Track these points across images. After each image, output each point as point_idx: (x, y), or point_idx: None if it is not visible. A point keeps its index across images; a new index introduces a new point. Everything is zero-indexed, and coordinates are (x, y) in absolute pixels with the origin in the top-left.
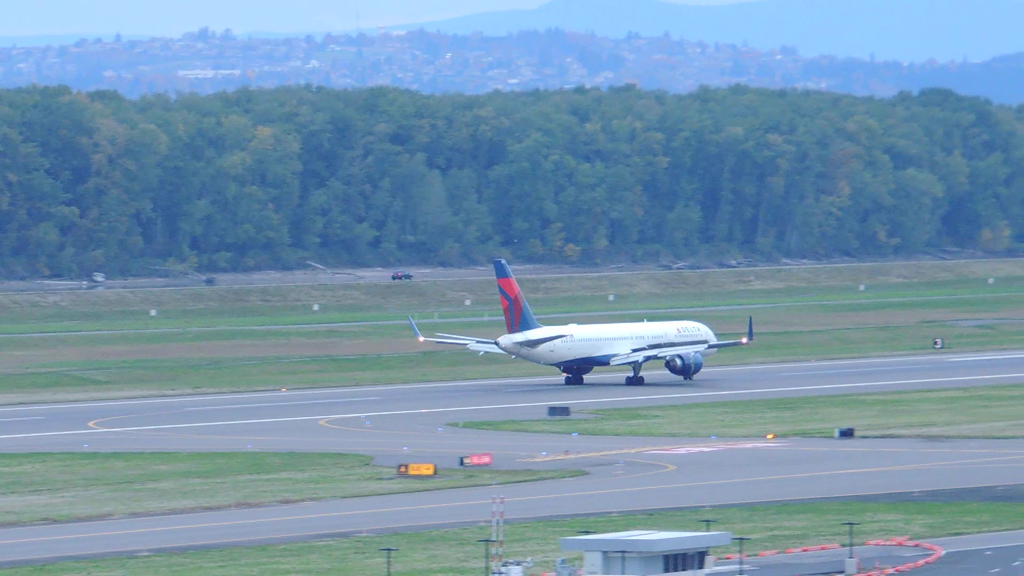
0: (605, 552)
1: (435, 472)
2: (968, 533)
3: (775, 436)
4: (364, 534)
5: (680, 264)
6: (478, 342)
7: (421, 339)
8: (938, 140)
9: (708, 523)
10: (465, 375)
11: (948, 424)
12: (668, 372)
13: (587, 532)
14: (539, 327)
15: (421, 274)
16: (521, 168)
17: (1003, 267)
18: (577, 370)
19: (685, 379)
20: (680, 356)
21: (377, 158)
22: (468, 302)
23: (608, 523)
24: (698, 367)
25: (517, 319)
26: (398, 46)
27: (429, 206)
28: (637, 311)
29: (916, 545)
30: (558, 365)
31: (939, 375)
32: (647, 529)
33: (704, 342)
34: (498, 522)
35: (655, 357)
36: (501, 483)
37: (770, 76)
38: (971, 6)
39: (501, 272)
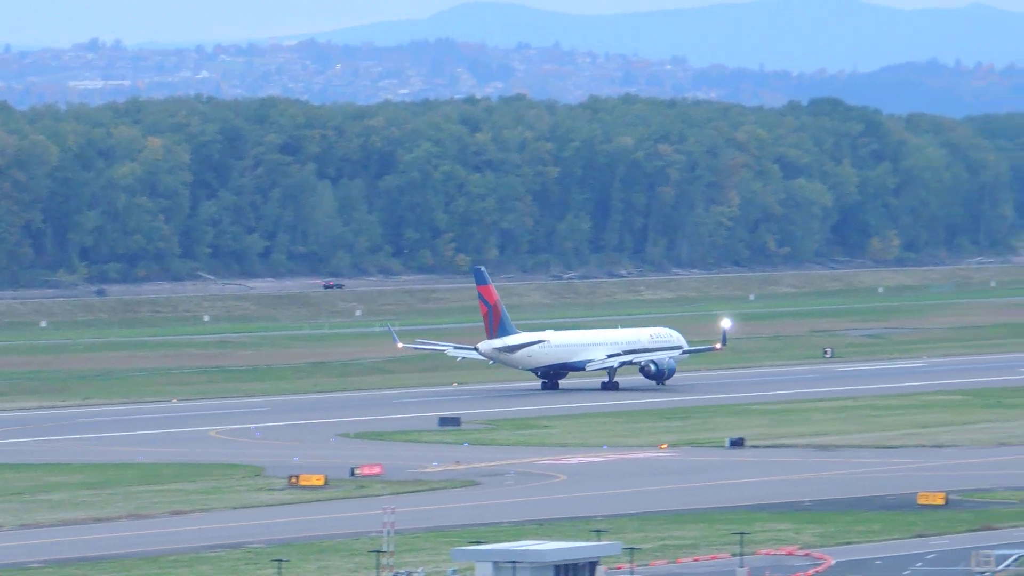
0: (496, 562)
1: (326, 483)
2: (858, 542)
3: (667, 446)
4: (255, 545)
5: (570, 274)
6: (456, 348)
7: (400, 345)
8: (828, 150)
9: (599, 533)
10: (357, 385)
11: (838, 434)
12: (642, 377)
13: (478, 542)
14: (517, 333)
15: (311, 284)
16: (412, 178)
17: (892, 277)
18: (553, 375)
19: (658, 384)
20: (654, 362)
21: (267, 168)
22: (358, 312)
23: (499, 533)
24: (671, 372)
25: (496, 325)
26: (288, 56)
27: (319, 216)
28: (529, 320)
29: (806, 555)
30: (535, 370)
31: (829, 385)
32: (538, 539)
33: (677, 348)
34: (389, 532)
35: (630, 363)
36: (392, 493)
37: (660, 86)
38: (860, 17)
39: (480, 279)
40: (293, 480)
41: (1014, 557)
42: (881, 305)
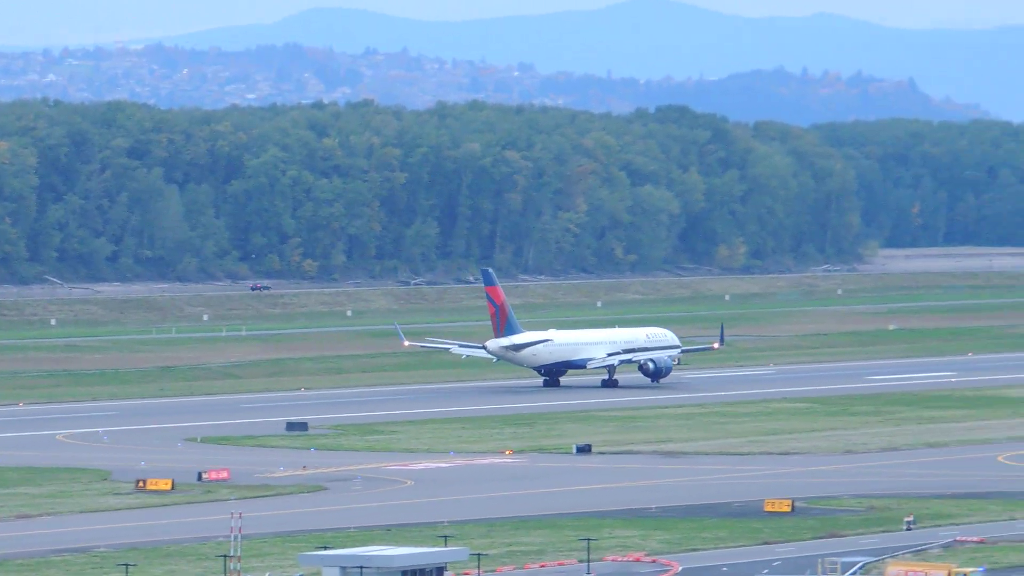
0: (343, 567)
1: (173, 487)
2: (705, 549)
3: (513, 452)
4: (102, 549)
5: (418, 280)
6: (461, 346)
7: (406, 343)
8: (675, 157)
9: (446, 539)
10: (204, 390)
11: (685, 440)
12: (640, 375)
13: (325, 547)
14: (523, 332)
15: (158, 289)
16: (259, 183)
17: (739, 284)
18: (555, 373)
19: (653, 382)
20: (652, 360)
21: (115, 172)
22: (206, 317)
23: (346, 539)
24: (668, 370)
25: (503, 324)
26: (136, 60)
27: (167, 221)
28: (375, 326)
29: (653, 561)
30: (538, 368)
31: (676, 391)
32: (385, 545)
33: (675, 347)
34: (236, 537)
35: (629, 361)
36: (239, 498)
37: (508, 92)
38: (707, 24)
39: (488, 280)
40: (140, 484)
41: (859, 564)
42: (728, 312)
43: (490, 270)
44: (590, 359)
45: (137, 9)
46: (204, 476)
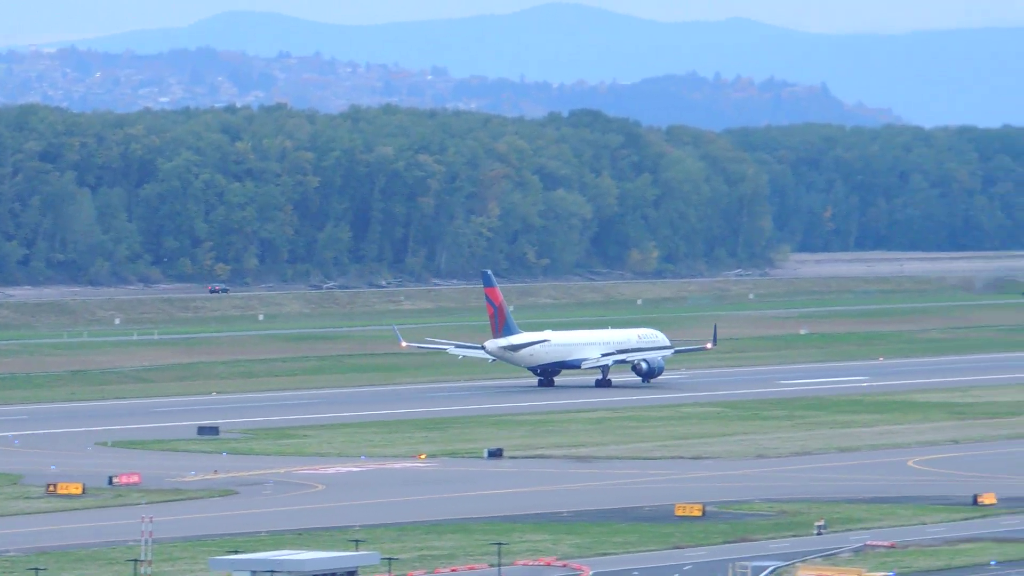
0: (254, 572)
1: (84, 491)
2: (615, 553)
3: (425, 456)
4: (12, 553)
5: (330, 284)
6: (458, 346)
7: (404, 344)
8: (587, 161)
9: (357, 543)
10: (116, 394)
11: (597, 445)
12: (633, 375)
13: (236, 552)
14: (520, 332)
15: (70, 292)
16: (172, 187)
17: (652, 289)
18: (550, 373)
19: (644, 382)
20: (646, 360)
21: (27, 176)
22: (117, 321)
23: (257, 543)
24: (661, 370)
25: (501, 325)
26: (48, 64)
27: (79, 224)
28: (287, 330)
29: (564, 565)
30: (534, 368)
31: (589, 396)
32: (296, 549)
33: (667, 347)
34: (147, 541)
35: (623, 361)
36: (150, 502)
37: (421, 96)
38: (620, 29)
39: (488, 282)
40: (51, 488)
41: (770, 569)
42: (640, 317)
43: (489, 272)
44: (584, 359)
45: (50, 12)
46: (115, 480)
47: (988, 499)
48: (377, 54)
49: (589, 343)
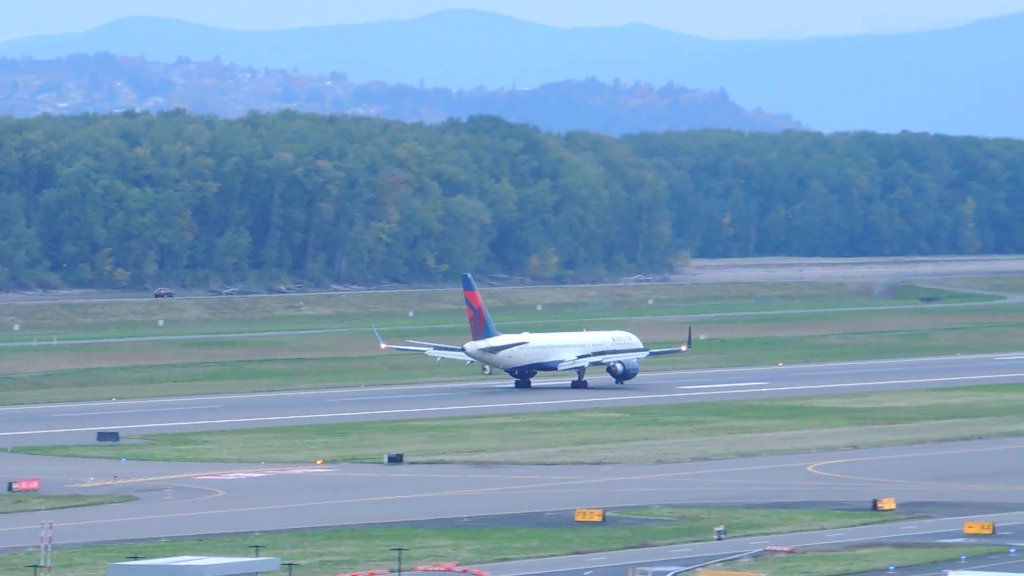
0: None
1: None
2: (516, 559)
3: (325, 462)
4: None
5: (230, 289)
6: (436, 348)
7: (383, 346)
8: (487, 167)
9: (257, 548)
10: (14, 400)
11: (497, 450)
12: (609, 376)
13: (136, 557)
14: (499, 335)
15: None
16: (71, 192)
17: (551, 294)
18: (527, 374)
19: (617, 383)
20: (621, 362)
21: None
22: (16, 327)
23: (157, 548)
24: (635, 372)
25: (480, 328)
26: None
27: None
28: (187, 335)
29: (464, 571)
30: (511, 370)
31: (488, 401)
32: (196, 555)
33: (642, 350)
34: (47, 547)
35: (598, 363)
36: (49, 508)
37: (320, 102)
38: (519, 34)
39: (468, 285)
40: None
41: (671, 574)
42: (540, 322)
43: (469, 275)
44: (560, 361)
45: None
46: (14, 486)
47: (887, 504)
48: (276, 60)
49: (565, 345)
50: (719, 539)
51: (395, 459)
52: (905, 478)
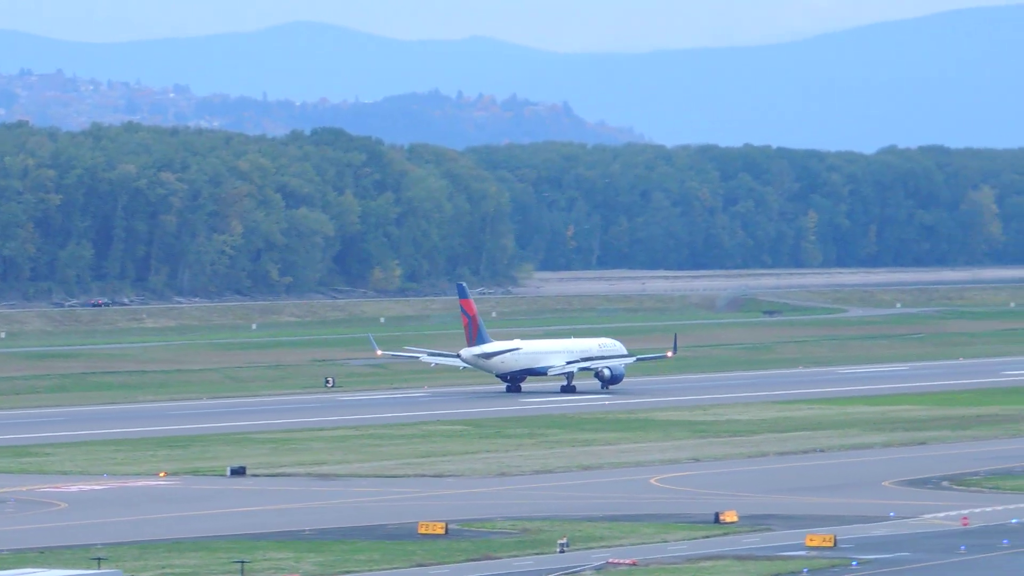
0: None
1: None
2: (358, 571)
3: (167, 474)
4: None
5: (72, 302)
6: (430, 354)
7: (379, 353)
8: (330, 179)
9: (100, 561)
10: None
11: (339, 463)
12: (596, 381)
13: None
14: (492, 341)
15: None
16: None
17: (394, 307)
18: (518, 380)
19: (603, 388)
20: (609, 367)
21: None
22: None
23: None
24: (622, 377)
25: (475, 334)
26: None
27: None
28: (29, 348)
29: None
30: (503, 375)
31: (331, 414)
32: (38, 568)
33: (628, 355)
34: None
35: (587, 368)
36: None
37: (163, 114)
38: (361, 47)
39: (462, 293)
40: None
41: None
42: (383, 335)
43: (463, 284)
44: (550, 367)
45: None
46: None
47: (729, 517)
48: (119, 72)
49: (555, 351)
50: (562, 552)
51: (237, 471)
52: (747, 491)
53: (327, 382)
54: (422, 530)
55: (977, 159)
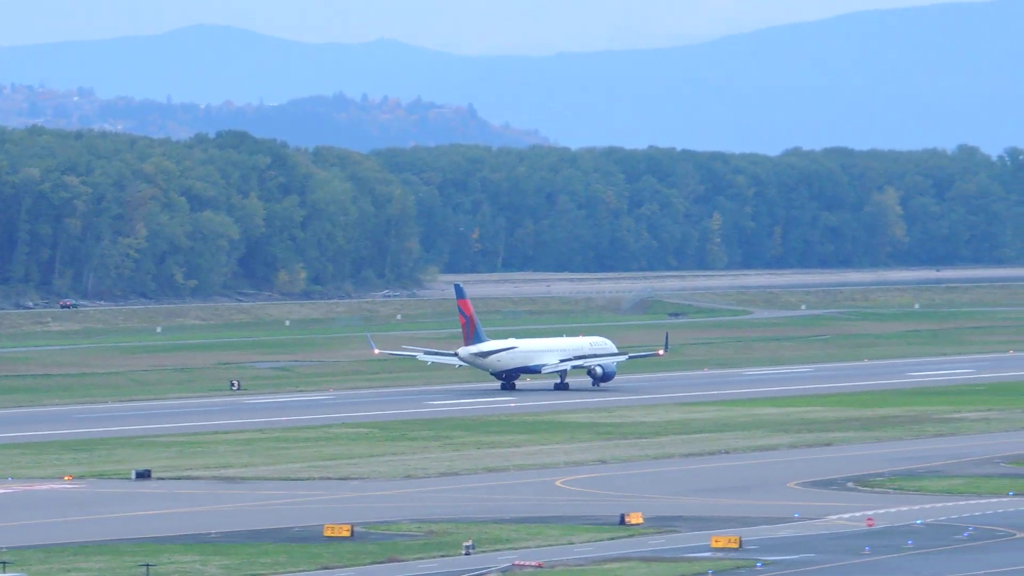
0: None
1: None
2: (264, 574)
3: (72, 478)
4: None
5: None
6: (427, 352)
7: (377, 351)
8: (235, 183)
9: (4, 565)
10: None
11: (245, 466)
12: (589, 379)
13: None
14: (489, 340)
15: None
16: None
17: (299, 310)
18: (512, 377)
19: (593, 385)
20: (601, 365)
21: None
22: None
23: None
24: (613, 375)
25: (472, 333)
26: None
27: None
28: None
29: None
30: (498, 373)
31: (236, 417)
32: None
33: (620, 353)
34: None
35: (579, 366)
36: None
37: (67, 118)
38: (266, 50)
39: (460, 294)
40: None
41: None
42: (288, 338)
43: (461, 284)
44: (544, 365)
45: None
46: None
47: (635, 519)
48: (22, 75)
49: (549, 350)
50: (467, 554)
51: (143, 475)
52: (653, 492)
53: (232, 385)
54: (328, 533)
55: (881, 161)
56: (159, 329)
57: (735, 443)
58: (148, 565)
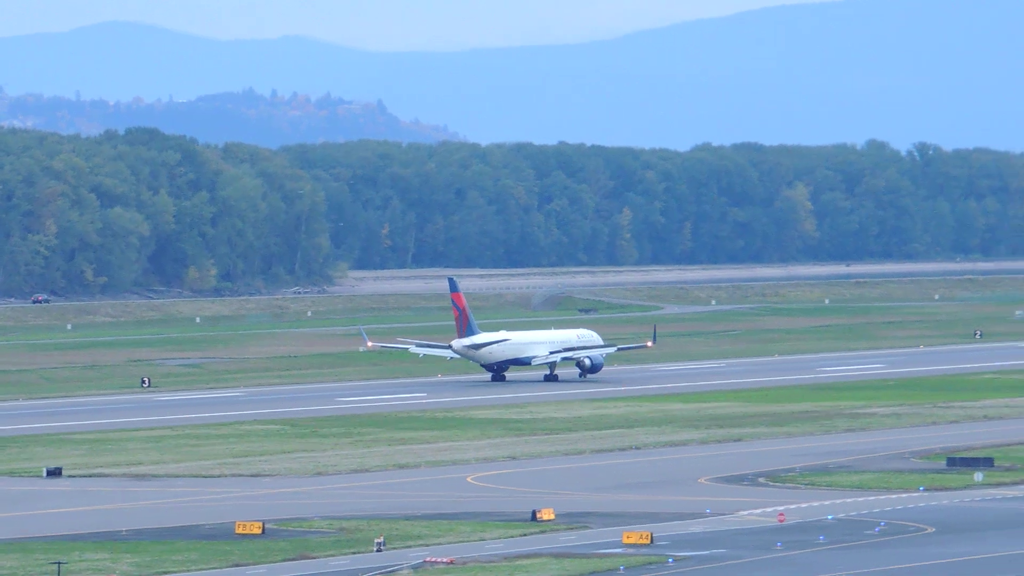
0: None
1: None
2: (175, 572)
3: None
4: None
5: None
6: (419, 345)
7: (370, 344)
8: (145, 179)
9: None
10: None
11: (156, 463)
12: (577, 370)
13: None
14: (481, 332)
15: None
16: None
17: (210, 307)
18: (503, 369)
19: (581, 376)
20: (590, 357)
21: None
22: None
23: None
24: (601, 367)
25: (465, 326)
26: None
27: None
28: None
29: None
30: (489, 365)
31: (147, 414)
32: None
33: (609, 345)
34: None
35: (568, 358)
36: None
37: None
38: (175, 46)
39: (453, 287)
40: None
41: None
42: (199, 335)
43: (454, 278)
44: (534, 357)
45: None
46: None
47: (546, 515)
48: None
49: (538, 342)
50: (379, 551)
51: (54, 472)
52: (564, 488)
53: (143, 382)
54: (239, 530)
55: (791, 156)
56: (69, 326)
57: (646, 439)
58: (59, 563)
